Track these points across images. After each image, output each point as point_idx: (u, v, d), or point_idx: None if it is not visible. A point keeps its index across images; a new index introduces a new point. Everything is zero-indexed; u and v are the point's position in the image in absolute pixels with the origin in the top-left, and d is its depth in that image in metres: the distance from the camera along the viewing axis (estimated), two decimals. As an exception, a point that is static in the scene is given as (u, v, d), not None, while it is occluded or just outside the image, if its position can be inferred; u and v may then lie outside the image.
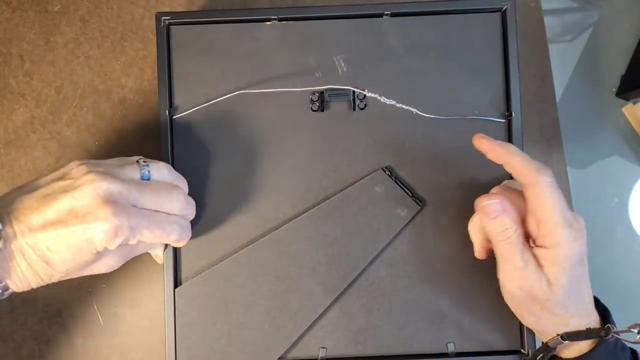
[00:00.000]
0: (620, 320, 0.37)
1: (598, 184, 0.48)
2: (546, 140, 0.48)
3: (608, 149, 0.49)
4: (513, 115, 0.40)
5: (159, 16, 0.40)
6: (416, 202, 0.40)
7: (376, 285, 0.40)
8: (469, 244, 0.39)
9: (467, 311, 0.40)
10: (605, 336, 0.33)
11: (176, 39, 0.41)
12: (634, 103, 0.55)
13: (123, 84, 0.47)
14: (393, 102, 0.40)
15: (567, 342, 0.35)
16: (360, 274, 0.40)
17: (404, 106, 0.40)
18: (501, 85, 0.41)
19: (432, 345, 0.39)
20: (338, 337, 0.39)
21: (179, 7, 0.48)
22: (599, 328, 0.34)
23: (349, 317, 0.40)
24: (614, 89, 0.49)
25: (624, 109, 0.49)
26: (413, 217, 0.40)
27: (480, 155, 0.38)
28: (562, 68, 0.49)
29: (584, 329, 0.34)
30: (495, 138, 0.39)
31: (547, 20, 0.49)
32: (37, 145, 0.46)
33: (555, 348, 0.36)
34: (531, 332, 0.39)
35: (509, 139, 0.40)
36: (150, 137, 0.45)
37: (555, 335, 0.35)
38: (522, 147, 0.40)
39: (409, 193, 0.40)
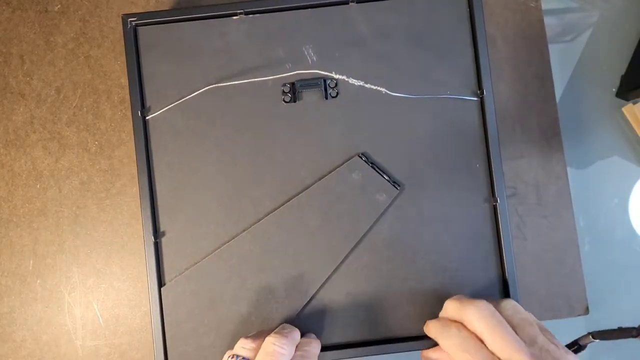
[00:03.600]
0: (620, 321, 0.37)
1: (598, 184, 0.48)
2: (546, 140, 0.48)
3: (608, 149, 0.48)
4: (485, 93, 0.40)
5: (125, 18, 0.40)
6: (394, 186, 0.40)
7: (360, 272, 0.40)
8: (449, 225, 0.40)
9: (452, 292, 0.40)
10: (637, 336, 0.33)
11: (144, 39, 0.41)
12: (634, 103, 0.55)
13: (123, 84, 0.47)
14: (362, 83, 0.40)
15: (597, 340, 0.35)
16: (343, 262, 0.40)
17: (372, 86, 0.40)
18: (472, 64, 0.41)
19: (419, 328, 0.39)
20: (325, 326, 0.40)
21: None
22: (631, 327, 0.33)
23: (335, 306, 0.40)
24: (614, 89, 0.49)
25: (624, 109, 0.49)
26: (392, 202, 0.40)
27: (454, 136, 0.40)
28: (562, 68, 0.49)
29: (616, 327, 0.34)
30: (469, 117, 0.40)
31: (547, 20, 0.49)
32: (37, 145, 0.46)
33: (586, 346, 0.36)
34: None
35: (483, 118, 0.40)
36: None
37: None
38: (495, 125, 0.40)
39: (387, 178, 0.40)
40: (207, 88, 0.40)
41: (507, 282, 0.39)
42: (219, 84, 0.40)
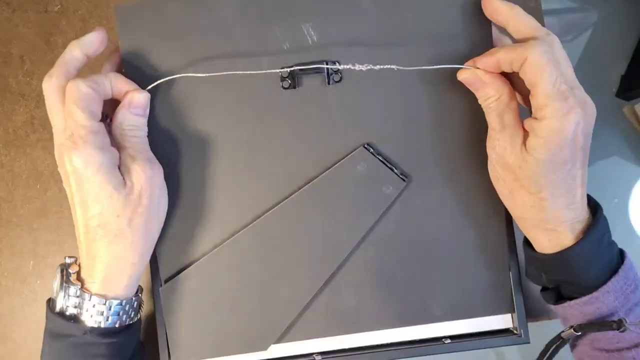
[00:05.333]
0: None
1: (598, 184, 0.48)
2: (546, 140, 0.48)
3: (608, 149, 0.48)
4: None
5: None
6: (401, 178, 0.38)
7: (365, 266, 0.39)
8: (457, 218, 0.38)
9: (458, 286, 0.39)
10: (618, 329, 0.32)
11: (124, 19, 0.37)
12: (634, 103, 0.55)
13: (123, 84, 0.47)
14: (370, 66, 0.34)
15: (579, 333, 0.34)
16: (348, 256, 0.38)
17: (382, 66, 0.34)
18: (487, 36, 0.37)
19: (423, 319, 0.39)
20: (330, 320, 0.39)
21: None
22: (612, 321, 0.33)
23: (340, 300, 0.39)
24: (614, 89, 0.49)
25: (624, 109, 0.49)
26: (399, 194, 0.38)
27: (464, 125, 0.37)
28: (562, 68, 0.49)
29: (596, 320, 0.34)
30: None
31: (547, 20, 0.49)
32: (37, 145, 0.46)
33: (569, 340, 0.36)
34: (522, 310, 0.38)
35: None
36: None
37: (573, 321, 0.35)
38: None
39: (393, 169, 0.38)
40: (192, 75, 0.35)
41: (514, 276, 0.39)
42: (208, 74, 0.35)
